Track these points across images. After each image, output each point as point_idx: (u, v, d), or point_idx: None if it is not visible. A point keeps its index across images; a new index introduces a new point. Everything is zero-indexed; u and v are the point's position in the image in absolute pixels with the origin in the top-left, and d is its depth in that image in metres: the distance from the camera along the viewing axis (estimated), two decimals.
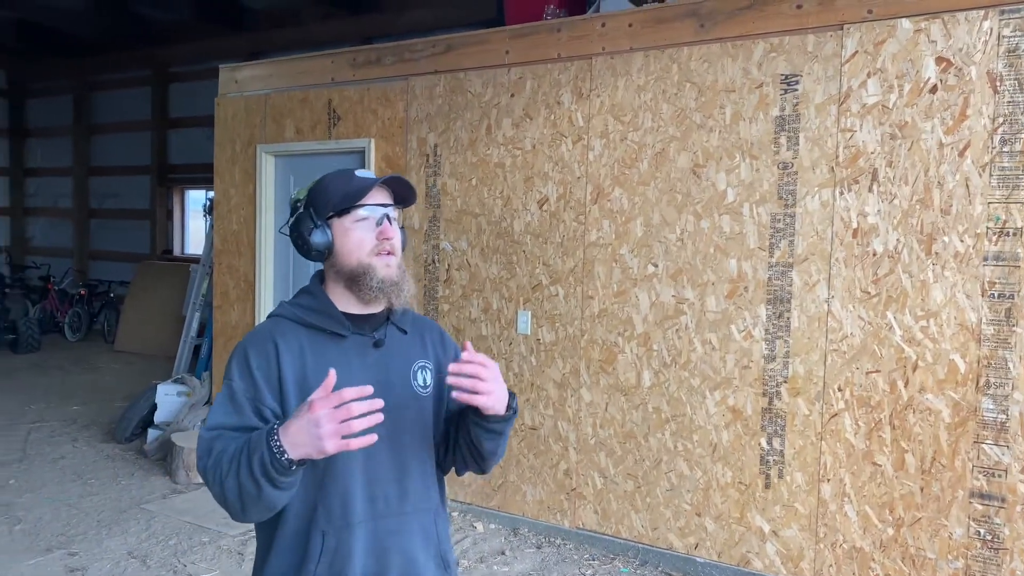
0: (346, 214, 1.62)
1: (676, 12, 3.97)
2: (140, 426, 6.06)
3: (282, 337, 1.61)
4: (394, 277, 1.63)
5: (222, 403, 1.57)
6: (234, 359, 1.61)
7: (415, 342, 1.74)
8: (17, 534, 4.33)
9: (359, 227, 1.62)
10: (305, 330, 1.63)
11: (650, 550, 4.07)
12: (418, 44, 4.83)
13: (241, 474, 1.43)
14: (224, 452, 1.48)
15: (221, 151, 5.77)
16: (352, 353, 1.64)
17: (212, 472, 1.48)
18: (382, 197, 1.66)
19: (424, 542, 1.67)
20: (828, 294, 3.59)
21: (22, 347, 9.54)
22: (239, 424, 1.54)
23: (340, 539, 1.58)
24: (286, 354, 1.59)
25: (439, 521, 1.72)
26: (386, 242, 1.62)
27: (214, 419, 1.56)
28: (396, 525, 1.63)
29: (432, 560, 1.68)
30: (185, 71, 10.98)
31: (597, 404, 4.22)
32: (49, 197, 12.83)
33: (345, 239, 1.63)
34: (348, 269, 1.63)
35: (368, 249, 1.62)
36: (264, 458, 1.39)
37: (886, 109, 3.45)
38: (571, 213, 4.29)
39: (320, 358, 1.61)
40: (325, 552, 1.57)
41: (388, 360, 1.67)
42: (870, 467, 3.51)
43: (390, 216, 1.64)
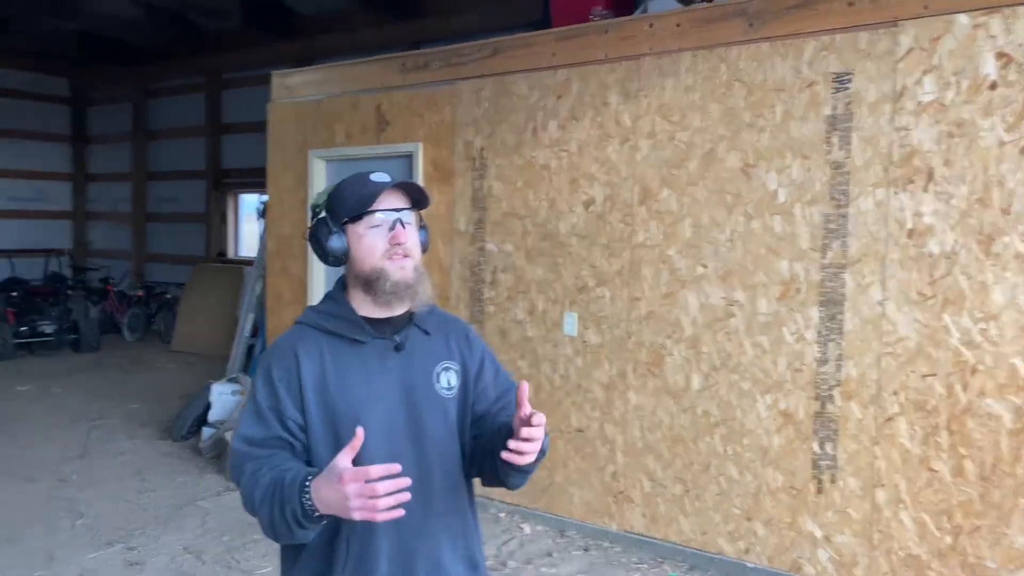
0: (359, 220, 1.63)
1: (725, 11, 3.93)
2: (195, 424, 6.20)
3: (303, 345, 1.64)
4: (409, 280, 1.63)
5: (249, 415, 1.62)
6: (259, 370, 1.66)
7: (439, 343, 1.73)
8: (79, 528, 4.47)
9: (372, 232, 1.63)
10: (326, 336, 1.65)
11: (699, 554, 4.03)
12: (465, 48, 4.86)
13: (274, 515, 1.49)
14: (254, 481, 1.53)
15: (273, 156, 5.88)
16: (372, 358, 1.64)
17: (246, 495, 1.56)
18: (394, 201, 1.65)
19: (451, 544, 1.67)
20: (882, 296, 3.52)
21: (83, 347, 9.85)
22: (265, 436, 1.59)
23: (364, 545, 1.59)
24: (306, 363, 1.61)
25: (466, 522, 1.72)
26: (398, 246, 1.62)
27: (241, 430, 1.61)
28: (421, 529, 1.63)
29: (461, 563, 1.68)
30: (238, 78, 11.21)
31: (645, 407, 4.20)
32: (109, 201, 13.22)
33: (359, 244, 1.64)
34: (364, 274, 1.64)
35: (381, 253, 1.62)
36: (296, 511, 1.45)
37: (943, 107, 3.37)
38: (617, 214, 4.27)
39: (340, 365, 1.63)
40: (350, 558, 1.59)
41: (410, 363, 1.67)
42: (926, 473, 3.42)
43: (403, 220, 1.63)
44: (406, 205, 1.66)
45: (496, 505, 4.76)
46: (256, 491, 1.52)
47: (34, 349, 9.79)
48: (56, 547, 4.21)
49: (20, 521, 4.54)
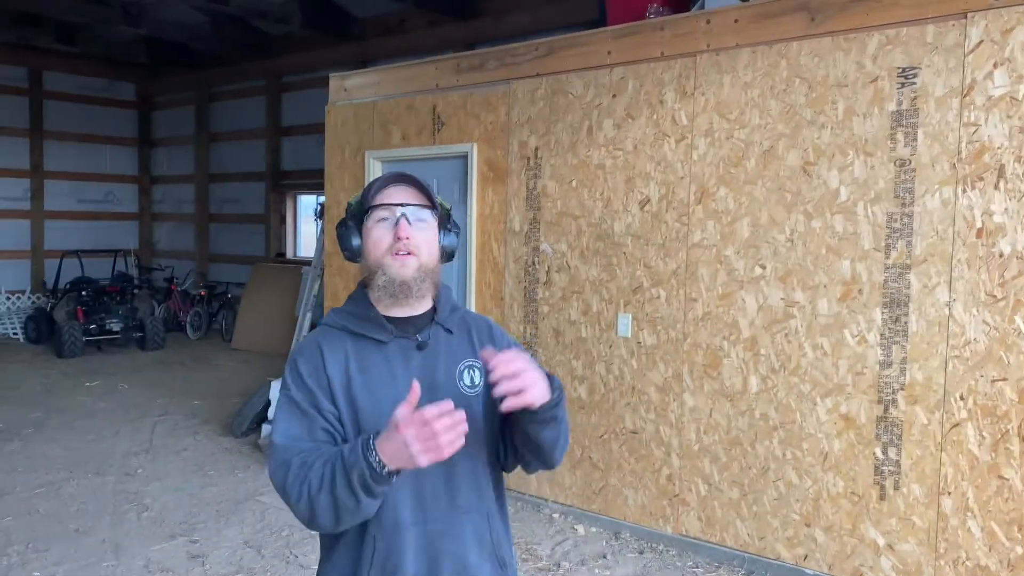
0: (368, 214, 1.65)
1: (785, 6, 3.85)
2: (255, 421, 6.33)
3: (328, 346, 1.65)
4: (406, 278, 1.61)
5: (285, 413, 1.61)
6: (288, 371, 1.66)
7: (462, 341, 1.72)
8: (144, 520, 4.60)
9: (380, 226, 1.63)
10: (350, 337, 1.66)
11: (756, 560, 3.96)
12: (520, 48, 4.86)
13: (337, 489, 1.47)
14: (307, 469, 1.51)
15: (331, 157, 5.97)
16: (395, 357, 1.65)
17: (296, 489, 1.52)
18: (401, 196, 1.64)
19: (477, 544, 1.66)
20: (949, 297, 3.40)
21: (149, 344, 10.15)
22: (308, 429, 1.59)
23: (390, 542, 1.59)
24: (332, 363, 1.62)
25: (494, 522, 1.71)
26: (399, 242, 1.60)
27: (282, 428, 1.60)
28: (446, 527, 1.63)
29: (487, 561, 1.67)
30: (297, 80, 11.41)
31: (701, 409, 4.14)
32: (173, 203, 13.60)
33: (367, 239, 1.65)
34: (369, 266, 1.66)
35: (385, 247, 1.62)
36: (364, 472, 1.44)
37: (1015, 101, 3.25)
38: (673, 214, 4.22)
39: (363, 365, 1.63)
40: (377, 555, 1.59)
41: (433, 362, 1.67)
42: (996, 481, 3.30)
43: (408, 216, 1.62)
44: (417, 201, 1.65)
45: (550, 506, 4.75)
46: (311, 476, 1.50)
47: (102, 346, 10.13)
48: (122, 538, 4.35)
49: (89, 513, 4.70)
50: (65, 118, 12.79)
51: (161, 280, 12.25)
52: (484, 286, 5.06)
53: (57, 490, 5.07)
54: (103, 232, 13.15)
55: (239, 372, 9.02)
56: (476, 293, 5.08)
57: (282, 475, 1.54)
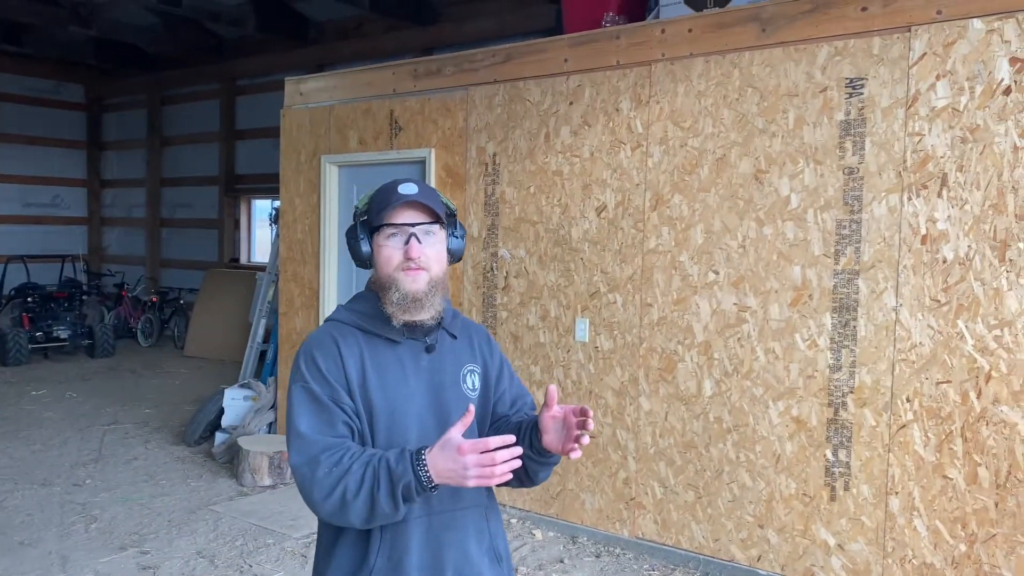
0: (379, 231, 1.70)
1: (737, 17, 3.93)
2: (208, 429, 6.23)
3: (343, 340, 1.70)
4: (418, 292, 1.68)
5: (306, 406, 1.64)
6: (303, 363, 1.68)
7: (464, 346, 1.81)
8: (93, 532, 4.50)
9: (390, 243, 1.69)
10: (362, 334, 1.71)
11: (711, 561, 4.01)
12: (478, 54, 4.88)
13: (379, 495, 1.53)
14: (342, 471, 1.56)
15: (286, 162, 5.91)
16: (406, 358, 1.72)
17: (328, 488, 1.56)
18: (411, 216, 1.69)
19: (477, 536, 1.75)
20: (896, 302, 3.50)
21: (98, 352, 9.92)
22: (330, 425, 1.62)
23: (396, 533, 1.66)
24: (348, 357, 1.68)
25: (490, 516, 1.80)
26: (410, 260, 1.66)
27: (305, 422, 1.62)
28: (450, 520, 1.70)
29: (486, 554, 1.76)
30: (251, 84, 11.29)
31: (656, 413, 4.19)
32: (124, 207, 13.32)
33: (379, 254, 1.71)
34: (381, 281, 1.71)
35: (396, 264, 1.68)
36: (411, 484, 1.51)
37: (956, 112, 3.36)
38: (629, 220, 4.27)
39: (377, 362, 1.69)
40: (383, 545, 1.66)
41: (440, 364, 1.75)
42: (941, 480, 3.40)
43: (418, 235, 1.68)
44: (425, 219, 1.70)
45: (508, 511, 4.76)
46: (348, 480, 1.55)
47: (49, 354, 9.88)
48: (70, 550, 4.24)
49: (35, 524, 4.57)
50: (11, 120, 12.45)
51: (111, 286, 11.98)
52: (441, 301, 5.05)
53: (1, 502, 4.92)
54: (50, 237, 12.83)
55: (192, 379, 8.86)
56: None
57: (310, 471, 1.58)
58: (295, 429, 1.62)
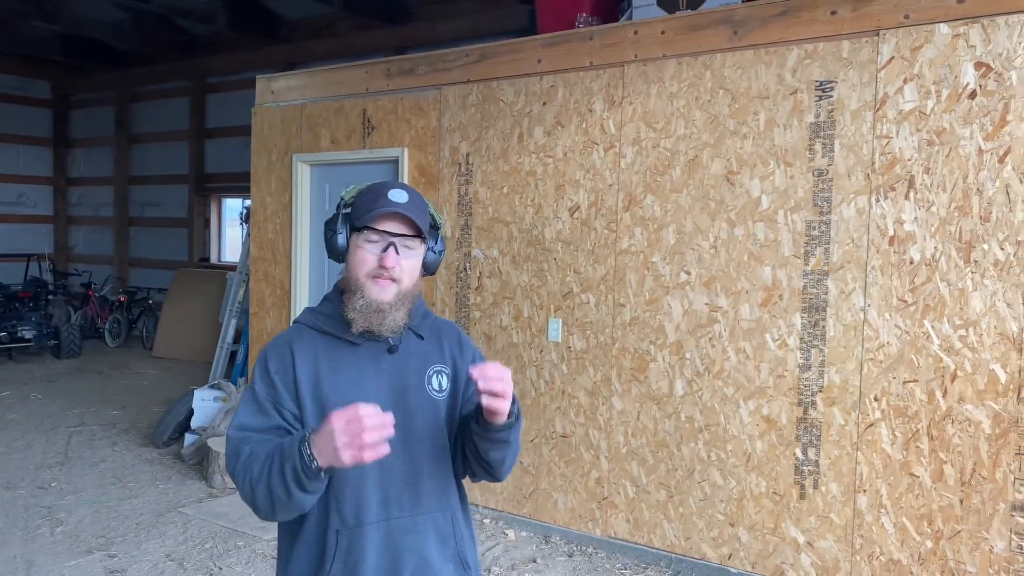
0: (359, 232, 1.67)
1: (709, 19, 3.96)
2: (177, 431, 6.15)
3: (299, 343, 1.69)
4: (382, 303, 1.64)
5: (247, 405, 1.65)
6: (257, 365, 1.70)
7: (432, 347, 1.77)
8: (59, 535, 4.42)
9: (367, 246, 1.65)
10: (321, 336, 1.70)
11: (683, 560, 4.04)
12: (451, 54, 4.87)
13: (272, 480, 1.50)
14: (253, 457, 1.56)
15: (258, 160, 5.86)
16: (366, 359, 1.69)
17: (242, 476, 1.57)
18: (395, 226, 1.66)
19: (440, 543, 1.70)
20: (864, 302, 3.55)
21: (64, 352, 9.76)
22: (264, 425, 1.63)
23: (353, 538, 1.63)
24: (301, 360, 1.66)
25: (457, 523, 1.74)
26: (384, 270, 1.64)
27: (240, 420, 1.64)
28: (410, 525, 1.67)
29: (450, 561, 1.71)
30: (222, 82, 11.16)
31: (629, 412, 4.21)
32: (91, 206, 13.11)
33: (353, 255, 1.68)
34: (348, 282, 1.68)
35: (367, 270, 1.65)
36: (296, 465, 1.47)
37: (923, 115, 3.41)
38: (602, 221, 4.28)
39: (334, 365, 1.67)
40: (339, 551, 1.63)
41: (403, 365, 1.71)
42: (907, 478, 3.45)
43: (396, 245, 1.65)
44: (408, 231, 1.67)
45: (481, 511, 4.75)
46: (254, 465, 1.53)
47: (14, 355, 9.69)
48: (35, 554, 4.16)
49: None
50: None
51: (78, 285, 11.78)
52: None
53: None
54: (15, 235, 12.58)
55: (160, 380, 8.75)
56: None
57: (232, 465, 1.60)
58: (229, 429, 1.64)
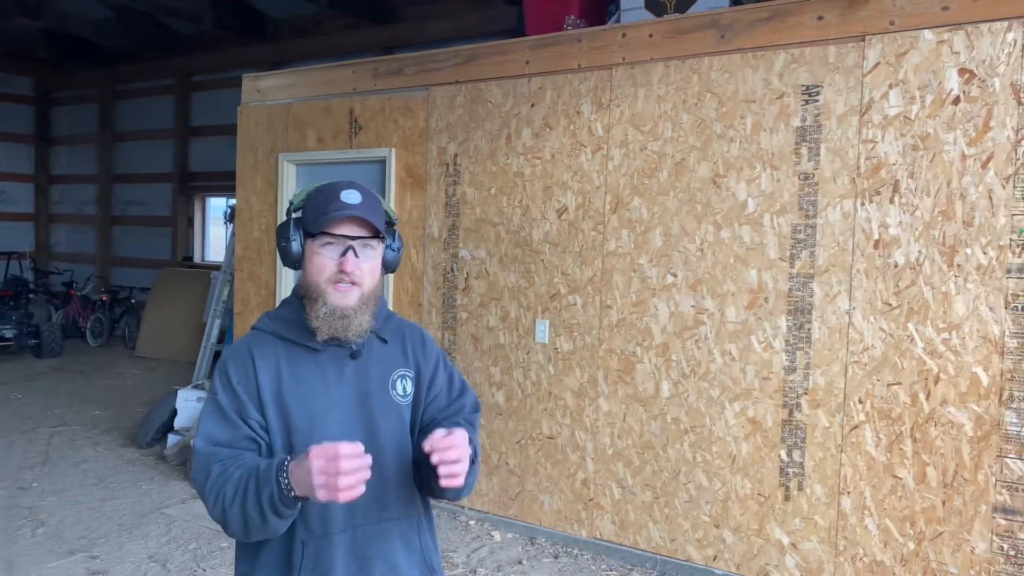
0: (314, 238, 1.61)
1: (697, 23, 3.98)
2: (160, 431, 6.11)
3: (259, 351, 1.63)
4: (346, 308, 1.60)
5: (211, 417, 1.60)
6: (217, 375, 1.64)
7: (395, 351, 1.74)
8: (40, 537, 4.38)
9: (324, 251, 1.60)
10: (282, 343, 1.65)
11: (668, 561, 4.05)
12: (439, 54, 4.86)
13: (248, 505, 1.47)
14: (224, 479, 1.51)
15: (243, 159, 5.83)
16: (328, 366, 1.65)
17: (213, 496, 1.52)
18: (351, 228, 1.61)
19: (406, 549, 1.68)
20: (849, 305, 3.58)
21: (45, 352, 9.66)
22: (231, 436, 1.58)
23: (320, 548, 1.60)
24: (262, 369, 1.61)
25: (422, 528, 1.73)
26: (343, 274, 1.59)
27: (206, 432, 1.58)
28: (376, 533, 1.64)
29: (416, 567, 1.70)
30: (207, 80, 11.10)
31: (615, 414, 4.22)
32: (73, 204, 13.00)
33: (310, 261, 1.63)
34: (308, 289, 1.63)
35: (327, 276, 1.60)
36: (273, 492, 1.44)
37: (908, 120, 3.44)
38: (590, 222, 4.29)
39: (295, 372, 1.63)
40: (306, 561, 1.60)
41: (366, 371, 1.68)
42: (891, 480, 3.48)
43: (355, 249, 1.60)
44: (365, 233, 1.62)
45: (466, 513, 4.75)
46: (227, 487, 1.50)
47: None
48: (16, 556, 4.12)
49: None
50: None
51: (59, 284, 11.68)
52: (402, 292, 5.03)
53: None
54: None
55: (143, 380, 8.68)
56: (394, 299, 5.04)
57: (201, 481, 1.55)
58: (195, 443, 1.59)
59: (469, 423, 1.75)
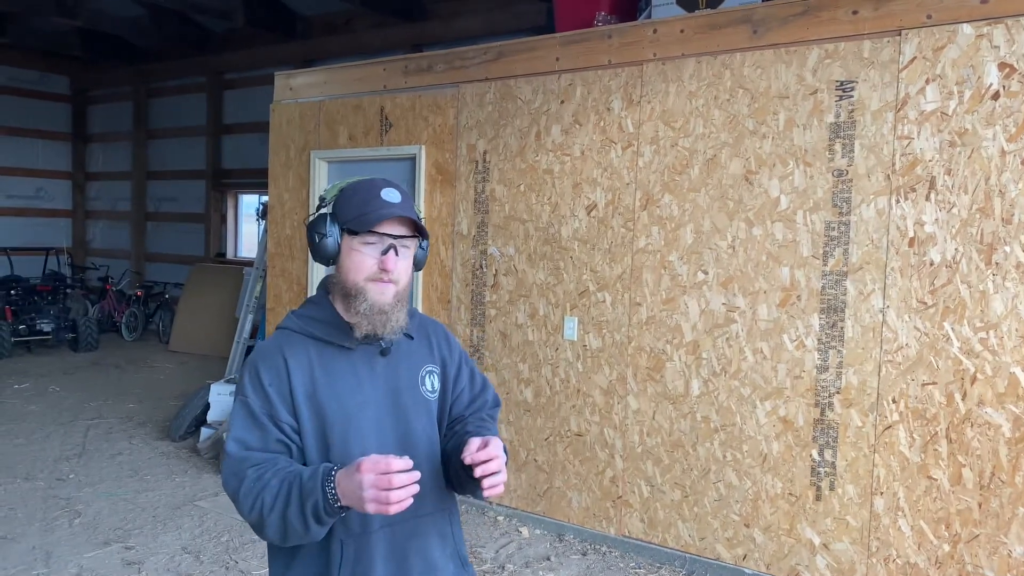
0: (355, 235, 1.61)
1: (729, 18, 3.94)
2: (194, 425, 6.20)
3: (291, 351, 1.63)
4: (384, 305, 1.61)
5: (242, 421, 1.59)
6: (246, 375, 1.63)
7: (422, 347, 1.76)
8: (77, 527, 4.46)
9: (365, 249, 1.61)
10: (313, 342, 1.65)
11: (697, 560, 4.03)
12: (469, 51, 4.87)
13: (290, 513, 1.47)
14: (261, 485, 1.51)
15: (275, 157, 5.88)
16: (360, 364, 1.66)
17: (249, 503, 1.52)
18: (394, 227, 1.62)
19: (441, 543, 1.71)
20: (883, 304, 3.53)
21: (82, 346, 9.84)
22: (263, 441, 1.58)
23: (359, 547, 1.61)
24: (295, 369, 1.61)
25: (453, 521, 1.76)
26: (385, 272, 1.60)
27: (237, 436, 1.58)
28: (414, 528, 1.66)
29: (450, 560, 1.72)
30: (239, 78, 11.21)
31: (644, 412, 4.20)
32: (109, 200, 13.21)
33: (348, 258, 1.62)
34: (346, 287, 1.63)
35: (367, 274, 1.61)
36: (319, 502, 1.45)
37: (945, 116, 3.38)
38: (619, 219, 4.28)
39: (329, 371, 1.63)
40: (345, 561, 1.60)
41: (396, 367, 1.69)
42: (925, 481, 3.43)
43: (397, 247, 1.62)
44: (406, 232, 1.64)
45: (495, 509, 4.76)
46: (265, 494, 1.50)
47: (32, 347, 9.79)
48: (54, 546, 4.21)
49: (18, 519, 4.53)
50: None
51: (95, 279, 11.88)
52: (431, 289, 5.05)
53: None
54: (34, 229, 12.70)
55: (177, 374, 8.81)
56: (423, 296, 5.07)
57: (235, 486, 1.54)
58: (226, 445, 1.59)
59: (491, 418, 1.81)
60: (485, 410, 1.81)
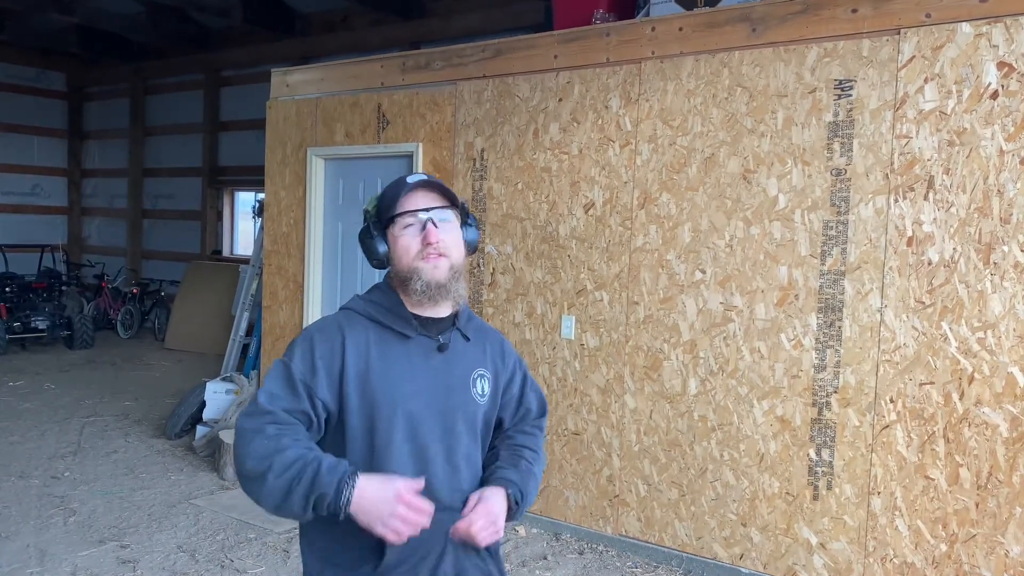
0: (393, 223, 1.66)
1: (728, 16, 3.93)
2: (189, 422, 6.18)
3: (351, 330, 1.66)
4: (441, 279, 1.64)
5: (279, 379, 1.61)
6: (299, 343, 1.65)
7: (477, 350, 1.78)
8: (72, 525, 4.44)
9: (406, 233, 1.65)
10: (374, 326, 1.68)
11: (694, 559, 4.02)
12: (467, 49, 4.86)
13: (295, 491, 1.48)
14: (276, 448, 1.51)
15: (272, 154, 5.86)
16: (416, 354, 1.68)
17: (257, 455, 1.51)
18: (424, 201, 1.66)
19: None
20: (881, 303, 3.52)
21: (77, 343, 9.81)
22: (292, 405, 1.58)
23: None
24: (351, 348, 1.63)
25: None
26: (429, 246, 1.63)
27: (271, 392, 1.59)
28: (451, 523, 1.66)
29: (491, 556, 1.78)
30: (237, 75, 11.18)
31: (641, 411, 4.19)
32: (105, 197, 13.17)
33: (396, 246, 1.67)
34: (401, 273, 1.67)
35: (415, 253, 1.64)
36: (329, 497, 1.47)
37: (944, 115, 3.38)
38: (617, 218, 4.27)
39: (384, 356, 1.65)
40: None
41: (450, 365, 1.71)
42: (922, 481, 3.43)
43: (434, 219, 1.65)
44: (440, 204, 1.67)
45: None
46: (277, 458, 1.50)
47: (27, 345, 9.76)
48: (48, 544, 4.19)
49: (12, 517, 4.51)
50: None
51: (91, 277, 11.85)
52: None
53: None
54: (29, 226, 12.66)
55: (173, 372, 8.79)
56: None
57: (250, 436, 1.54)
58: (257, 396, 1.60)
59: (537, 430, 1.86)
60: (528, 420, 1.86)
